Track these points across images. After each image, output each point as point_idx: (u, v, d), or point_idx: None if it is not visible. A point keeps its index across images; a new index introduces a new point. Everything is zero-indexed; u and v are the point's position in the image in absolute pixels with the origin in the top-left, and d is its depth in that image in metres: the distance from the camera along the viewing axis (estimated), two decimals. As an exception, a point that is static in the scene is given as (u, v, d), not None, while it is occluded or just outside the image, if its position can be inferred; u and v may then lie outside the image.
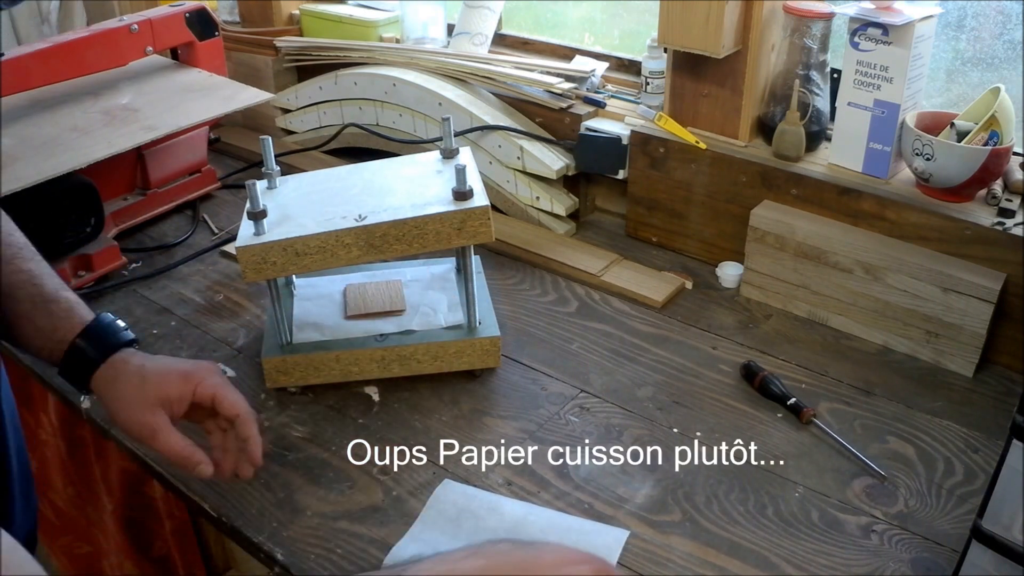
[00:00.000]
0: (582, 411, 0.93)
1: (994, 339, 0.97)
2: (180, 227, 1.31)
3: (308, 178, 1.00)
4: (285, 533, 0.79)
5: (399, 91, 1.33)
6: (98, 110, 1.21)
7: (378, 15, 1.50)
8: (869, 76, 1.02)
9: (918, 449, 0.87)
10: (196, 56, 1.35)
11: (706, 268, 1.17)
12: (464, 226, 0.88)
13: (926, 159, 0.97)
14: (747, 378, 0.96)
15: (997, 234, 0.94)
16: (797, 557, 0.75)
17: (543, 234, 1.24)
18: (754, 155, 1.11)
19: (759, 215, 1.07)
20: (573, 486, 0.83)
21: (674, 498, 0.82)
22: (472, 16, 1.39)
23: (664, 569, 0.75)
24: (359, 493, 0.83)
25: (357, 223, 0.87)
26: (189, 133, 1.29)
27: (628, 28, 1.42)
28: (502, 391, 0.96)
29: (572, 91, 1.25)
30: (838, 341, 1.04)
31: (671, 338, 1.04)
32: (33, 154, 1.08)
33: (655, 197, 1.20)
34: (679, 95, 1.17)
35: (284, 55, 1.50)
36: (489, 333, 0.96)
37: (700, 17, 1.04)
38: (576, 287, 1.14)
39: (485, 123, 1.25)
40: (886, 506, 0.81)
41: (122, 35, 1.24)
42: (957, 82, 1.12)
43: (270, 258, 0.88)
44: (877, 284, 1.00)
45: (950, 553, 0.75)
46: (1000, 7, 1.04)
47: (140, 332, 1.06)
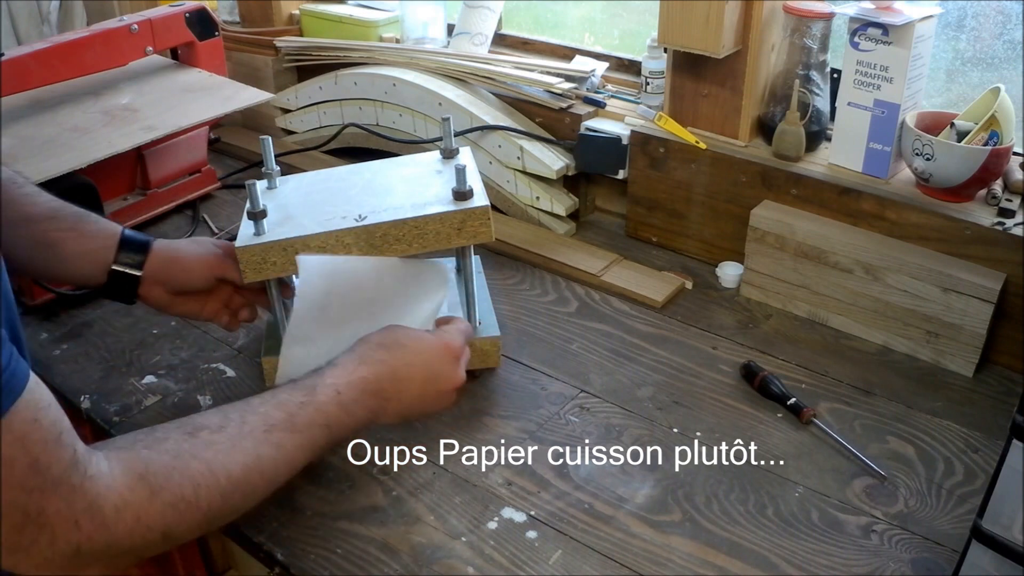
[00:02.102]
0: (582, 411, 0.93)
1: (994, 339, 0.97)
2: (180, 227, 1.31)
3: (308, 178, 1.00)
4: (285, 533, 0.79)
5: (399, 91, 1.33)
6: (98, 110, 1.21)
7: (378, 15, 1.50)
8: (869, 76, 1.02)
9: (918, 449, 0.87)
10: (196, 56, 1.35)
11: (706, 268, 1.17)
12: (464, 226, 0.88)
13: (926, 159, 0.97)
14: (747, 378, 0.96)
15: (997, 234, 0.94)
16: (797, 557, 0.75)
17: (543, 234, 1.24)
18: (754, 155, 1.11)
19: (759, 215, 1.07)
20: (573, 486, 0.83)
21: (674, 498, 0.82)
22: (472, 16, 1.39)
23: (664, 569, 0.75)
24: (359, 493, 0.83)
25: (357, 223, 0.87)
26: (189, 133, 1.29)
27: (628, 28, 1.42)
28: (502, 391, 0.96)
29: (572, 91, 1.25)
30: (838, 341, 1.04)
31: (671, 338, 1.04)
32: (33, 154, 1.08)
33: (655, 197, 1.20)
34: (679, 95, 1.17)
35: (284, 55, 1.50)
36: (489, 333, 0.96)
37: (700, 17, 1.04)
38: (576, 287, 1.14)
39: (485, 123, 1.25)
40: (886, 506, 0.81)
41: (122, 35, 1.24)
42: (957, 82, 1.12)
43: (270, 258, 0.87)
44: (877, 284, 1.00)
45: (950, 553, 0.75)
46: (1000, 7, 1.04)
47: (140, 332, 1.06)
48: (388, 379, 0.76)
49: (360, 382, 0.74)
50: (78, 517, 0.56)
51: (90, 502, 0.56)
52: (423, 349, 0.79)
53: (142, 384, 0.98)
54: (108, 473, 0.58)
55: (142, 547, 0.60)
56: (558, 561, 0.75)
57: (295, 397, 0.70)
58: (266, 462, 0.66)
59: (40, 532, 0.55)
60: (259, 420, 0.67)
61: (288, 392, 0.71)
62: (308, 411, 0.70)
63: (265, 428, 0.67)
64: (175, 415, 0.92)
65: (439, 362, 0.80)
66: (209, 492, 0.63)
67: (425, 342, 0.80)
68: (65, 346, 1.04)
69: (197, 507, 0.62)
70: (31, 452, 0.54)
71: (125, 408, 0.94)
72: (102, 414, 0.93)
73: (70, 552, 0.56)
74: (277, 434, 0.67)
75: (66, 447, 0.56)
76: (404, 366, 0.77)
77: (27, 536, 0.54)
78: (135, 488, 0.59)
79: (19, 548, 0.55)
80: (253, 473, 0.65)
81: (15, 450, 0.53)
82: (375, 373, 0.75)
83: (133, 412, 0.93)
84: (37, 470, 0.54)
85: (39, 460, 0.54)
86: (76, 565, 0.57)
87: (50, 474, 0.55)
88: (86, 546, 0.57)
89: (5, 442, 0.52)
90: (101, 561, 0.59)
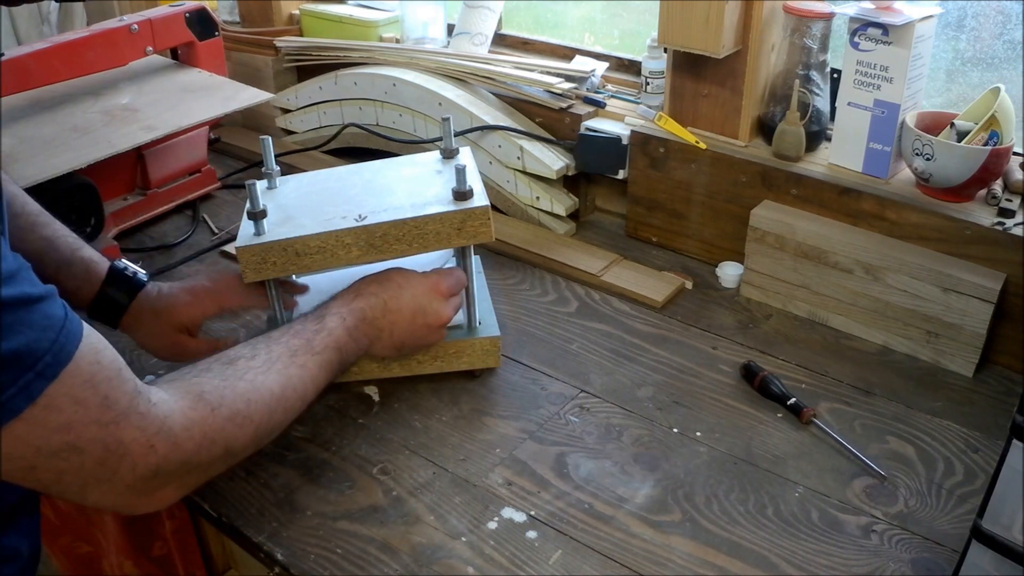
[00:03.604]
0: (582, 411, 0.93)
1: (994, 339, 0.97)
2: (180, 227, 1.31)
3: (308, 178, 1.00)
4: (285, 533, 0.79)
5: (399, 91, 1.33)
6: (98, 110, 1.21)
7: (378, 15, 1.50)
8: (869, 76, 1.02)
9: (918, 449, 0.87)
10: (196, 56, 1.35)
11: (706, 268, 1.17)
12: (464, 226, 0.88)
13: (926, 159, 0.97)
14: (747, 378, 0.96)
15: (997, 234, 0.94)
16: (797, 557, 0.76)
17: (543, 234, 1.24)
18: (754, 155, 1.11)
19: (759, 215, 1.07)
20: (573, 486, 0.83)
21: (674, 498, 0.82)
22: (472, 16, 1.39)
23: (664, 569, 0.75)
24: (359, 493, 0.83)
25: (357, 223, 0.87)
26: (189, 133, 1.29)
27: (628, 28, 1.42)
28: (502, 391, 0.96)
29: (572, 91, 1.25)
30: (838, 341, 1.04)
31: (671, 338, 1.04)
32: (33, 154, 1.08)
33: (655, 197, 1.20)
34: (679, 95, 1.17)
35: (284, 55, 1.50)
36: (489, 333, 0.96)
37: (700, 17, 1.04)
38: (576, 287, 1.14)
39: (485, 123, 1.25)
40: (886, 506, 0.81)
41: (122, 35, 1.24)
42: (957, 82, 1.12)
43: (270, 258, 0.88)
44: (877, 284, 1.00)
45: (950, 553, 0.75)
46: (1000, 7, 1.04)
47: (140, 332, 1.06)
48: (380, 309, 0.85)
49: (359, 311, 0.83)
50: (152, 440, 0.60)
51: (160, 425, 0.61)
52: (411, 284, 0.88)
53: (142, 384, 0.97)
54: (169, 398, 0.64)
55: (208, 462, 0.66)
56: (558, 561, 0.75)
57: (309, 325, 0.80)
58: (296, 380, 0.75)
59: (121, 461, 0.59)
60: (283, 348, 0.76)
61: (302, 322, 0.80)
62: (322, 336, 0.79)
63: (290, 353, 0.76)
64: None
65: (426, 297, 0.87)
66: (258, 407, 0.70)
67: (413, 279, 0.88)
68: (65, 346, 1.04)
69: (250, 420, 0.69)
70: (100, 389, 0.57)
71: (125, 408, 0.94)
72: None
73: (149, 474, 0.61)
74: (301, 357, 0.76)
75: (127, 380, 0.61)
76: (393, 299, 0.86)
77: (110, 467, 0.59)
78: (197, 407, 0.65)
79: (104, 479, 0.59)
80: (288, 390, 0.73)
81: (86, 391, 0.57)
82: (370, 304, 0.84)
83: (133, 412, 0.93)
84: (108, 405, 0.58)
85: (108, 396, 0.58)
86: (155, 487, 0.62)
87: (119, 406, 0.59)
88: (164, 466, 0.62)
89: (76, 384, 0.56)
90: (176, 479, 0.64)
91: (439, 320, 0.89)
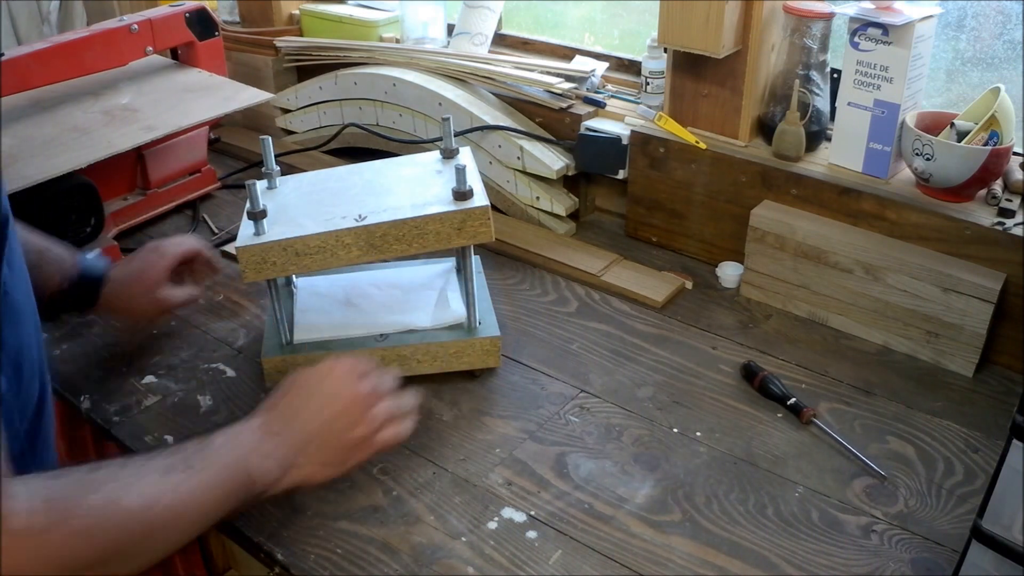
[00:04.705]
0: (582, 411, 0.93)
1: (994, 339, 0.97)
2: (180, 227, 1.31)
3: (308, 178, 1.00)
4: (285, 533, 0.79)
5: (399, 91, 1.33)
6: (98, 110, 1.21)
7: (378, 15, 1.50)
8: (869, 76, 1.02)
9: (918, 449, 0.87)
10: (196, 56, 1.35)
11: (706, 268, 1.17)
12: (464, 226, 0.88)
13: (926, 159, 0.97)
14: (747, 378, 0.96)
15: (997, 234, 0.94)
16: (797, 557, 0.76)
17: (543, 234, 1.24)
18: (754, 155, 1.11)
19: (759, 215, 1.07)
20: (573, 486, 0.83)
21: (674, 498, 0.82)
22: (472, 16, 1.39)
23: (664, 569, 0.75)
24: (359, 493, 0.83)
25: (357, 223, 0.87)
26: (189, 133, 1.29)
27: (628, 28, 1.42)
28: (502, 391, 0.96)
29: (572, 91, 1.25)
30: (838, 341, 1.04)
31: (671, 338, 1.04)
32: (33, 154, 1.08)
33: (655, 197, 1.20)
34: (679, 95, 1.17)
35: (284, 55, 1.50)
36: (489, 333, 0.96)
37: (700, 17, 1.04)
38: (576, 287, 1.14)
39: (485, 123, 1.25)
40: (886, 506, 0.81)
41: (122, 35, 1.24)
42: (957, 82, 1.12)
43: (270, 258, 0.88)
44: (877, 284, 1.00)
45: (950, 553, 0.75)
46: (1000, 7, 1.04)
47: (140, 332, 1.06)
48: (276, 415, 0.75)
49: (256, 427, 0.74)
50: None
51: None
52: (306, 376, 0.78)
53: (142, 384, 0.98)
54: (23, 495, 0.58)
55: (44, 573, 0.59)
56: (558, 561, 0.75)
57: (191, 443, 0.71)
58: (168, 500, 0.66)
59: None
60: (157, 463, 0.67)
61: (186, 441, 0.72)
62: (204, 453, 0.70)
63: (163, 470, 0.67)
64: (175, 415, 0.93)
65: (330, 382, 0.77)
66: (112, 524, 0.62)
67: (309, 370, 0.78)
68: (65, 346, 1.04)
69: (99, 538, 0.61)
70: None
71: (125, 408, 0.94)
72: (102, 414, 0.93)
73: None
74: (176, 475, 0.67)
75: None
76: (285, 397, 0.76)
77: None
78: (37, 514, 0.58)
79: None
80: (156, 509, 0.65)
81: None
82: (263, 415, 0.75)
83: (133, 412, 0.93)
84: None
85: None
86: None
87: None
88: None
89: None
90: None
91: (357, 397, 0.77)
